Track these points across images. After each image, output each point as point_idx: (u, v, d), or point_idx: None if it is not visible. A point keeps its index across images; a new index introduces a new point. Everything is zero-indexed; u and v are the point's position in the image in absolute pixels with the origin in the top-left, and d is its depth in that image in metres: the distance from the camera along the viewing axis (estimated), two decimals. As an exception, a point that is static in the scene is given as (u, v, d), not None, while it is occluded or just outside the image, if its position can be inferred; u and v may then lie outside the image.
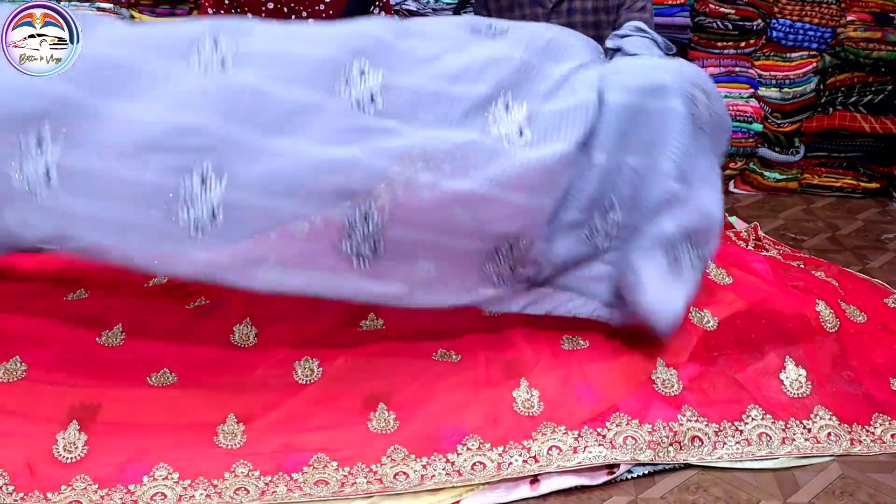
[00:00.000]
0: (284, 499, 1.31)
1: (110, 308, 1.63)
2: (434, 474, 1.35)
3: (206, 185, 1.27)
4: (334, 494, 1.32)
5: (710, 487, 1.37)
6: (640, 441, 1.40)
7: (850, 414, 1.50)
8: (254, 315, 1.63)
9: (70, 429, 1.37)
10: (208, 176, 1.27)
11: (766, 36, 2.65)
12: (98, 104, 1.28)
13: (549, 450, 1.39)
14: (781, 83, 2.66)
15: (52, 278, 1.70)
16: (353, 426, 1.42)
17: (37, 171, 1.26)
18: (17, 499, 1.27)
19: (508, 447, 1.40)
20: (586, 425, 1.42)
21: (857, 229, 2.52)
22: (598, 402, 1.48)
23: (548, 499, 1.34)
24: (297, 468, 1.35)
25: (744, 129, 2.70)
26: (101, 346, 1.55)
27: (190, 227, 1.27)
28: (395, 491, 1.33)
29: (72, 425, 1.37)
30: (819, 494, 1.35)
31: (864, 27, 2.59)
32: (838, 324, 1.69)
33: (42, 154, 1.26)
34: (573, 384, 1.51)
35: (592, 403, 1.47)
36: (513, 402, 1.47)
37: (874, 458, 1.44)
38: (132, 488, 1.30)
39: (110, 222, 1.28)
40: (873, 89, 2.65)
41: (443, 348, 1.59)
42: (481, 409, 1.46)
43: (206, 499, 1.30)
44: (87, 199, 1.27)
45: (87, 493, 1.29)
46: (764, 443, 1.44)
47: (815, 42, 2.62)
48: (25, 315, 1.59)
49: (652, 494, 1.35)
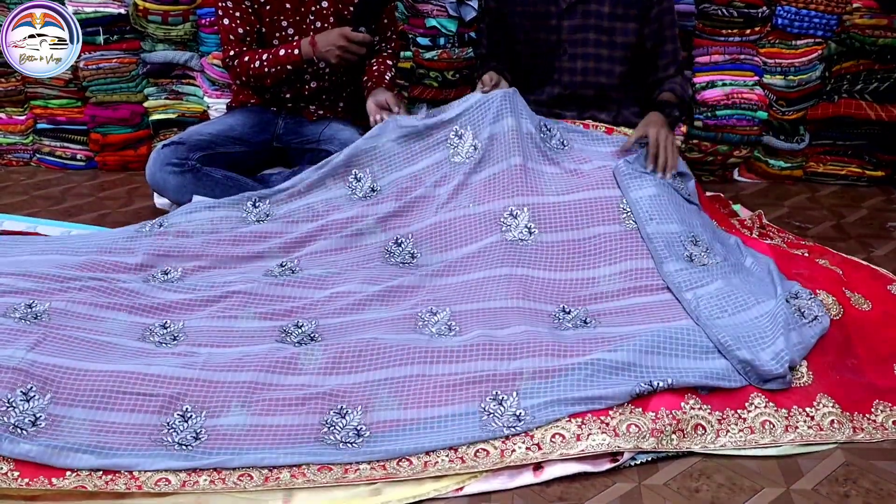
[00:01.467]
0: (289, 484, 1.31)
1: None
2: (437, 461, 1.36)
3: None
4: (337, 481, 1.32)
5: (713, 474, 1.37)
6: (643, 429, 1.40)
7: (852, 402, 1.49)
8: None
9: None
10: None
11: (772, 23, 2.63)
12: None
13: (552, 437, 1.39)
14: (787, 71, 2.65)
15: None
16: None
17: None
18: (23, 484, 1.28)
19: (511, 434, 1.40)
20: (590, 413, 1.42)
21: (862, 217, 2.51)
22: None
23: (551, 485, 1.34)
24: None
25: (749, 117, 2.68)
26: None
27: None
28: (399, 478, 1.33)
29: None
30: (822, 482, 1.35)
31: (871, 14, 2.56)
32: (842, 311, 1.68)
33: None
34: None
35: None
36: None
37: (878, 446, 1.44)
38: (136, 473, 1.31)
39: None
40: (879, 77, 2.63)
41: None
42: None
43: (210, 485, 1.31)
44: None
45: (91, 479, 1.30)
46: (767, 430, 1.43)
47: (820, 29, 2.60)
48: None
49: (655, 481, 1.35)
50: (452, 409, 1.42)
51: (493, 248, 1.81)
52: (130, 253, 1.89)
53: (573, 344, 1.53)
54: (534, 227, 1.83)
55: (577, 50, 2.21)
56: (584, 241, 1.81)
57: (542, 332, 1.56)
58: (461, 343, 1.53)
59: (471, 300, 1.70)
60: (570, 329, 1.62)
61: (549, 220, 1.84)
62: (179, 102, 2.85)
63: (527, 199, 1.86)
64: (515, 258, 1.78)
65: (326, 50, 2.21)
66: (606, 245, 1.79)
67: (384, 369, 1.48)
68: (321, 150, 2.37)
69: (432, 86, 2.73)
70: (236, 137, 2.37)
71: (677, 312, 1.63)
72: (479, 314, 1.65)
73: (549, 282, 1.75)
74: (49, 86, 2.80)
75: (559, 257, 1.79)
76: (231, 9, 2.28)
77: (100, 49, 2.71)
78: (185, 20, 2.73)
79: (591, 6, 2.16)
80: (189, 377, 1.45)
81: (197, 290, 1.76)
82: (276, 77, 2.29)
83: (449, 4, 2.63)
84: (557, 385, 1.45)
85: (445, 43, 2.67)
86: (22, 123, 2.89)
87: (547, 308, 1.68)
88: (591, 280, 1.76)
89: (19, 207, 2.52)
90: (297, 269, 1.86)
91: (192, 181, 2.25)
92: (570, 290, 1.73)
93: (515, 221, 1.83)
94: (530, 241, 1.81)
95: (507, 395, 1.44)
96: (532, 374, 1.46)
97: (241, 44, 2.30)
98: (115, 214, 2.47)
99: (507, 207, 1.86)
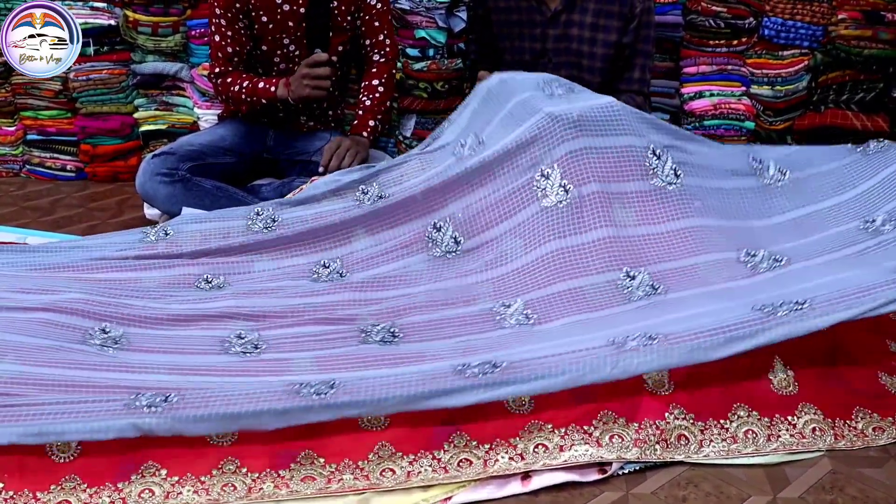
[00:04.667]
0: (272, 496, 1.31)
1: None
2: (420, 471, 1.35)
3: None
4: (321, 492, 1.32)
5: (700, 483, 1.37)
6: (626, 439, 1.40)
7: (834, 409, 1.50)
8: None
9: None
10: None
11: (758, 34, 2.66)
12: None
13: (536, 447, 1.39)
14: (773, 81, 2.67)
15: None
16: (342, 422, 1.42)
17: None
18: (7, 498, 1.27)
19: (495, 444, 1.40)
20: (573, 423, 1.42)
21: (850, 226, 2.52)
22: (587, 401, 1.47)
23: (539, 495, 1.34)
24: (285, 465, 1.35)
25: (736, 127, 2.70)
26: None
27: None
28: (384, 487, 1.33)
29: None
30: (809, 489, 1.35)
31: (856, 25, 2.59)
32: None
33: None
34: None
35: (582, 402, 1.47)
36: (504, 401, 1.46)
37: (864, 454, 1.44)
38: (120, 486, 1.30)
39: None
40: (865, 87, 2.66)
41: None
42: (470, 407, 1.45)
43: (194, 495, 1.30)
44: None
45: (76, 493, 1.29)
46: (750, 440, 1.43)
47: (806, 40, 2.63)
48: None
49: (643, 490, 1.35)
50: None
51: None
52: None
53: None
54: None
55: (561, 58, 2.24)
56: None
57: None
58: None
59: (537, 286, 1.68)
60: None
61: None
62: (169, 113, 2.85)
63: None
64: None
65: (297, 86, 2.21)
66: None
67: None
68: (312, 161, 2.38)
69: (422, 97, 2.75)
70: (227, 148, 2.38)
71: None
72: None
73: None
74: (39, 97, 2.80)
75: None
76: (224, 27, 2.28)
77: (90, 60, 2.71)
78: (175, 31, 2.74)
79: (574, 16, 2.19)
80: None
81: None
82: (252, 106, 2.31)
83: (438, 15, 2.65)
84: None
85: (435, 54, 2.69)
86: (12, 134, 2.89)
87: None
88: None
89: (9, 218, 2.51)
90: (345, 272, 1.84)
91: (182, 191, 2.25)
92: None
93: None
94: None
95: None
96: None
97: (227, 63, 2.31)
98: (105, 225, 2.47)
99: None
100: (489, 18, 2.31)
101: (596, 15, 2.18)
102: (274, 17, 2.27)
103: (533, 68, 2.26)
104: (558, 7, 2.21)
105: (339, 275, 1.84)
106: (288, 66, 2.33)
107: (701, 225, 1.74)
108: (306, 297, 1.75)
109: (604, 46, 2.20)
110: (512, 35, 2.27)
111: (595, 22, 2.18)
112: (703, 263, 1.68)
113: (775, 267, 1.65)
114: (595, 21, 2.18)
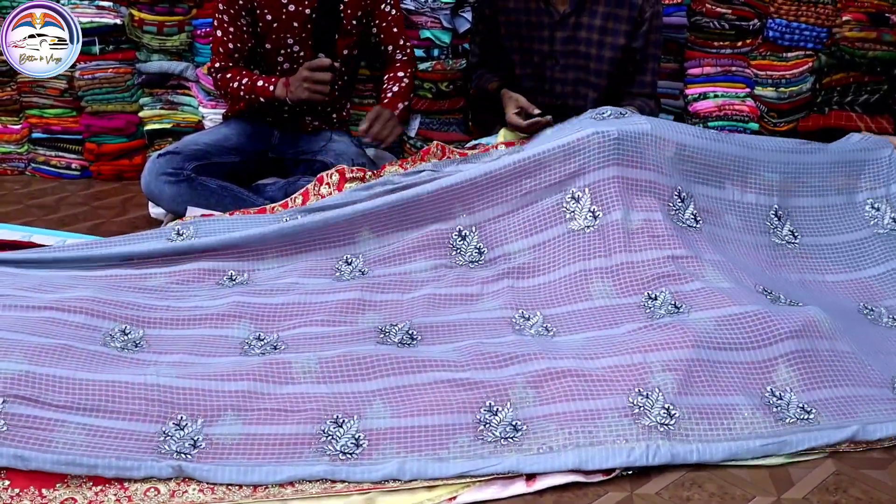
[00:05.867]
0: (278, 496, 1.31)
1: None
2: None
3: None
4: (326, 490, 1.32)
5: (704, 483, 1.37)
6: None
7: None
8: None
9: None
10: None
11: (763, 36, 2.66)
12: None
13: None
14: (778, 83, 2.67)
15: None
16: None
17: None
18: (13, 495, 1.28)
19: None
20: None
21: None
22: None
23: (544, 495, 1.34)
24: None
25: (740, 129, 2.70)
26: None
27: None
28: (388, 488, 1.33)
29: None
30: (813, 490, 1.36)
31: (860, 27, 2.59)
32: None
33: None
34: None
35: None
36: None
37: (868, 455, 1.45)
38: (126, 484, 1.31)
39: None
40: (869, 89, 2.66)
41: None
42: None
43: (199, 493, 1.31)
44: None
45: (81, 490, 1.29)
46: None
47: (810, 42, 2.63)
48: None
49: (647, 490, 1.36)
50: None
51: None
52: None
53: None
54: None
55: (568, 61, 2.23)
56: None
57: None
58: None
59: (559, 303, 1.72)
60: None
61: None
62: (174, 112, 2.86)
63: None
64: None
65: (296, 87, 2.22)
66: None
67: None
68: (317, 160, 2.39)
69: (426, 97, 2.75)
70: (231, 147, 2.38)
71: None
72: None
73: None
74: (44, 95, 2.81)
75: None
76: (227, 23, 2.29)
77: (95, 59, 2.72)
78: (180, 31, 2.74)
79: (583, 18, 2.19)
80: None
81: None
82: (250, 103, 2.31)
83: (443, 16, 2.65)
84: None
85: (439, 54, 2.69)
86: (17, 133, 2.89)
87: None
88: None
89: (14, 216, 2.52)
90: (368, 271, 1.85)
91: (187, 191, 2.25)
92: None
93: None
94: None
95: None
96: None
97: (228, 59, 2.31)
98: (110, 224, 2.47)
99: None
100: (496, 19, 2.30)
101: (605, 18, 2.18)
102: (279, 17, 2.27)
103: (540, 70, 2.26)
104: (567, 9, 2.20)
105: (360, 273, 1.85)
106: (291, 67, 2.34)
107: (720, 260, 1.77)
108: (326, 293, 1.76)
109: (611, 50, 2.20)
110: (520, 36, 2.27)
111: (604, 25, 2.18)
112: (727, 289, 1.69)
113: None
114: (604, 24, 2.18)
